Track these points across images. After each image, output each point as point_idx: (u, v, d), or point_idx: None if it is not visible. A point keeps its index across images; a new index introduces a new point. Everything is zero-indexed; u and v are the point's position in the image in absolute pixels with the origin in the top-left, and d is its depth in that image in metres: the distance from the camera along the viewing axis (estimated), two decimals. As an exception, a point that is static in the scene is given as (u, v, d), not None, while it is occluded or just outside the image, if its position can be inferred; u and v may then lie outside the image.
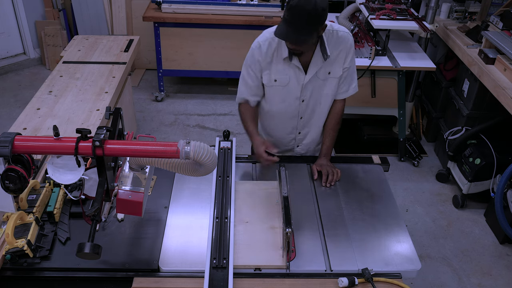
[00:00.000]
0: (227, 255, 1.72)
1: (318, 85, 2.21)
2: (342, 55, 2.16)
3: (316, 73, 2.17)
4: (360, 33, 3.92)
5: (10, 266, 1.73)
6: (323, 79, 2.19)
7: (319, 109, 2.31)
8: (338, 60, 2.17)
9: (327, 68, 2.17)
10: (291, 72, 2.16)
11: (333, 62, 2.16)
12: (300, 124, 2.36)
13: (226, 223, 1.86)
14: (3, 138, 1.52)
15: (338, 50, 2.14)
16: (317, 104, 2.28)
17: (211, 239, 1.79)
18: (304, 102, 2.26)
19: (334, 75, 2.20)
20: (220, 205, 1.95)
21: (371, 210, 2.05)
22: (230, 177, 2.08)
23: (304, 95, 2.23)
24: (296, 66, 2.13)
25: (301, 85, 2.19)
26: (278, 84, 2.19)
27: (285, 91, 2.21)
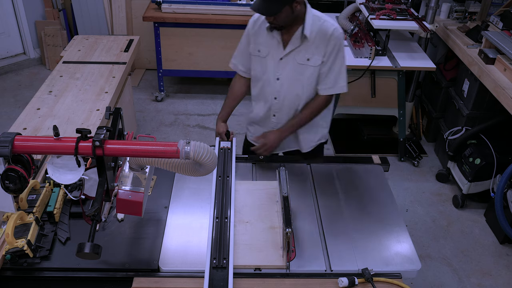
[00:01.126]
0: (227, 255, 1.72)
1: (296, 68, 2.23)
2: (322, 45, 2.18)
3: (294, 55, 2.20)
4: (360, 33, 3.92)
5: (10, 266, 1.73)
6: (301, 63, 2.21)
7: (294, 96, 2.30)
8: (319, 49, 2.19)
9: (307, 53, 2.19)
10: (272, 44, 2.22)
11: (314, 50, 2.18)
12: (274, 106, 2.36)
13: (226, 223, 1.86)
14: (3, 138, 1.52)
15: (320, 39, 2.17)
16: (292, 89, 2.28)
17: (211, 239, 1.79)
18: (279, 81, 2.28)
19: (313, 63, 2.21)
20: (220, 205, 1.95)
21: (371, 210, 2.05)
22: (230, 177, 2.09)
23: (280, 73, 2.26)
24: (276, 39, 2.20)
25: (278, 60, 2.23)
26: (260, 54, 2.27)
27: (264, 64, 2.27)
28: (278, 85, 2.29)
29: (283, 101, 2.33)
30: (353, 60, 3.60)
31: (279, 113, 2.37)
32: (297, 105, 2.33)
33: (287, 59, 2.22)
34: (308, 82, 2.26)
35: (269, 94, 2.34)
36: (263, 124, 2.47)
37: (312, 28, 2.15)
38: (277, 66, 2.25)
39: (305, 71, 2.23)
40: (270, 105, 2.37)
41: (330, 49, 2.18)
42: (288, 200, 1.85)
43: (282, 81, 2.28)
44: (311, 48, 2.18)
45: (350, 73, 3.63)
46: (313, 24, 2.15)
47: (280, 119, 2.39)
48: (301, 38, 2.16)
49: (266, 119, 2.44)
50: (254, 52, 2.30)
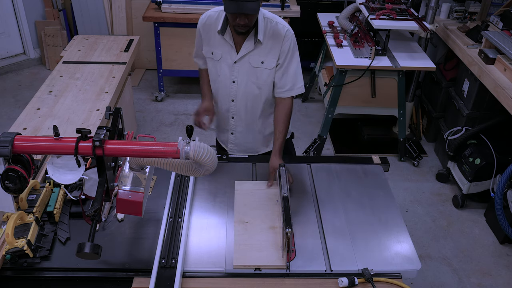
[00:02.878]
0: (176, 255, 1.74)
1: (251, 71, 2.22)
2: (276, 47, 2.16)
3: (249, 58, 2.19)
4: (360, 33, 3.92)
5: (10, 266, 1.73)
6: (255, 66, 2.20)
7: (251, 99, 2.30)
8: (273, 52, 2.17)
9: (261, 56, 2.18)
10: (224, 48, 2.21)
11: (267, 52, 2.17)
12: (232, 108, 2.36)
13: (179, 223, 1.87)
14: (3, 138, 1.52)
15: (273, 41, 2.16)
16: (249, 91, 2.28)
17: (162, 238, 1.81)
18: (235, 84, 2.27)
19: (267, 66, 2.20)
20: (175, 204, 1.96)
21: (371, 210, 2.05)
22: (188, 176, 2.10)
23: (235, 76, 2.25)
24: (228, 42, 2.19)
25: (233, 63, 2.22)
26: (213, 57, 2.27)
27: (219, 66, 2.27)
28: (235, 88, 2.29)
29: (240, 103, 2.33)
30: (353, 60, 3.60)
31: (237, 115, 2.38)
32: (256, 107, 2.34)
33: (241, 62, 2.21)
34: (265, 84, 2.25)
35: (226, 96, 2.34)
36: (222, 123, 2.49)
37: (265, 31, 2.15)
38: (232, 69, 2.24)
39: (260, 74, 2.23)
40: (228, 107, 2.37)
41: (285, 50, 2.17)
42: (288, 200, 1.85)
43: (238, 84, 2.27)
44: (264, 51, 2.17)
45: (350, 73, 3.64)
46: (266, 27, 2.15)
47: (238, 121, 2.40)
48: (254, 42, 2.15)
49: (225, 121, 2.45)
50: (208, 55, 2.30)
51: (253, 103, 2.32)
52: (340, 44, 3.83)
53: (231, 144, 2.52)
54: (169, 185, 2.07)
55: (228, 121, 2.43)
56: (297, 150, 4.15)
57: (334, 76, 3.83)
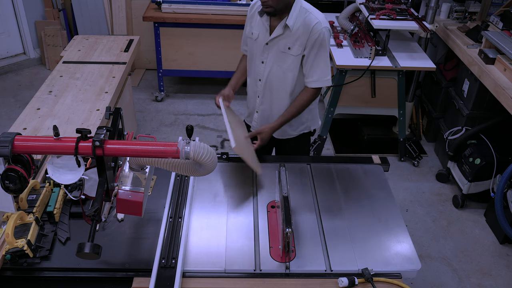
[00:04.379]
0: (176, 255, 1.74)
1: (278, 55, 2.33)
2: (303, 37, 2.24)
3: (278, 42, 2.29)
4: (360, 33, 3.92)
5: (10, 266, 1.73)
6: (283, 51, 2.30)
7: (276, 82, 2.40)
8: (300, 40, 2.25)
9: (289, 42, 2.27)
10: (261, 29, 2.34)
11: (295, 39, 2.26)
12: (259, 88, 2.47)
13: (179, 223, 1.87)
14: (3, 138, 1.52)
15: (302, 30, 2.24)
16: (274, 74, 2.38)
17: (162, 238, 1.81)
18: (263, 65, 2.39)
19: (293, 53, 2.29)
20: (175, 204, 1.96)
21: (371, 210, 2.05)
22: (188, 176, 2.10)
23: (265, 57, 2.37)
24: (264, 24, 2.31)
25: (265, 44, 2.33)
26: (252, 37, 2.39)
27: (255, 46, 2.39)
28: (262, 68, 2.40)
29: (265, 84, 2.43)
30: (353, 60, 3.60)
31: (262, 95, 2.48)
32: (279, 91, 2.42)
33: (272, 45, 2.32)
34: (289, 69, 2.34)
35: (256, 76, 2.46)
36: (250, 104, 2.61)
37: (297, 19, 2.23)
38: (263, 50, 2.36)
39: (286, 59, 2.32)
40: (256, 87, 2.49)
41: (311, 41, 2.24)
42: (288, 200, 1.85)
43: (265, 65, 2.38)
44: (292, 38, 2.26)
45: (350, 73, 3.64)
46: (299, 16, 2.24)
47: (263, 102, 2.50)
48: (284, 27, 2.25)
49: (252, 99, 2.57)
50: (249, 35, 2.43)
51: (278, 86, 2.41)
52: (340, 44, 3.83)
53: (255, 123, 2.61)
54: (169, 185, 2.07)
55: (255, 100, 2.54)
56: (297, 150, 4.16)
57: (334, 76, 3.83)
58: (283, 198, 1.86)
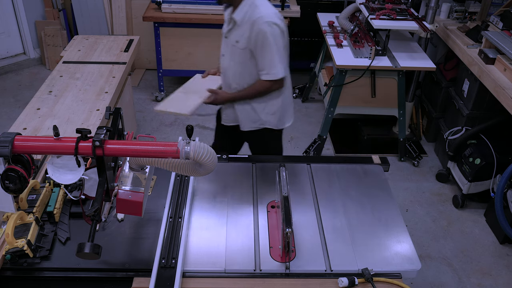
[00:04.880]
0: (176, 255, 1.74)
1: (231, 48, 2.45)
2: (248, 32, 2.33)
3: (230, 34, 2.42)
4: (360, 33, 3.92)
5: (10, 266, 1.73)
6: (233, 44, 2.42)
7: (233, 74, 2.51)
8: (246, 34, 2.34)
9: (237, 35, 2.38)
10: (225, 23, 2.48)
11: (242, 33, 2.36)
12: (224, 80, 2.61)
13: (179, 223, 1.87)
14: (3, 138, 1.52)
15: (247, 25, 2.33)
16: (230, 67, 2.50)
17: (162, 238, 1.81)
18: (224, 57, 2.53)
19: (240, 46, 2.39)
20: (175, 204, 1.97)
21: (371, 210, 2.05)
22: (188, 176, 2.10)
23: (225, 50, 2.51)
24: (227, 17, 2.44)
25: (224, 37, 2.49)
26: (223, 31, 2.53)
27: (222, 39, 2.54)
28: (222, 61, 2.55)
29: (225, 77, 2.58)
30: (353, 60, 3.60)
31: (226, 87, 2.61)
32: (235, 84, 2.53)
33: (229, 37, 2.45)
34: (239, 62, 2.44)
35: (221, 68, 2.61)
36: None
37: (244, 13, 2.33)
38: (224, 43, 2.51)
39: (236, 52, 2.43)
40: (223, 79, 2.63)
41: (254, 37, 2.32)
42: (288, 200, 1.85)
43: (225, 57, 2.53)
44: (240, 32, 2.37)
45: (350, 73, 3.64)
46: (247, 10, 2.32)
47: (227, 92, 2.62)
48: (232, 21, 2.37)
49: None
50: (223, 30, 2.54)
51: (235, 78, 2.52)
52: (340, 44, 3.83)
53: (224, 115, 2.74)
54: (169, 185, 2.07)
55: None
56: (297, 150, 4.16)
57: (334, 76, 3.83)
58: (283, 198, 1.86)
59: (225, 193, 2.12)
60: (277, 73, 2.41)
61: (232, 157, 2.37)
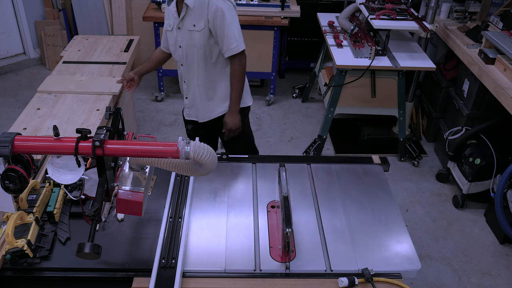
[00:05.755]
0: (176, 255, 1.74)
1: (188, 35, 2.50)
2: (203, 13, 2.42)
3: (185, 22, 2.48)
4: (360, 33, 3.92)
5: (10, 266, 1.73)
6: (190, 29, 2.48)
7: (195, 62, 2.56)
8: (201, 15, 2.43)
9: (193, 20, 2.45)
10: (172, 17, 2.53)
11: (197, 15, 2.44)
12: (183, 72, 2.66)
13: (179, 223, 1.87)
14: (3, 138, 1.52)
15: (200, 7, 2.41)
16: (191, 54, 2.55)
17: (162, 238, 1.81)
18: (181, 49, 2.57)
19: (198, 29, 2.46)
20: (175, 204, 1.96)
21: (371, 210, 2.05)
22: (188, 176, 2.10)
23: (180, 41, 2.55)
24: (172, 11, 2.51)
25: (177, 29, 2.52)
26: (168, 28, 2.59)
27: (172, 35, 2.58)
28: (181, 52, 2.58)
29: (187, 67, 2.61)
30: (353, 60, 3.60)
31: (187, 79, 2.66)
32: (200, 70, 2.58)
33: (182, 28, 2.50)
34: (200, 46, 2.50)
35: (178, 62, 2.64)
36: (181, 92, 2.78)
37: None
38: (178, 35, 2.54)
39: (194, 36, 2.48)
40: (180, 72, 2.68)
41: (211, 16, 2.41)
42: (288, 200, 1.85)
43: (183, 48, 2.56)
44: (194, 15, 2.44)
45: (350, 73, 3.64)
46: None
47: (189, 85, 2.68)
48: (185, 8, 2.43)
49: (181, 87, 2.74)
50: (166, 28, 2.61)
51: (197, 66, 2.57)
52: (340, 44, 3.83)
53: (187, 109, 2.81)
54: (169, 185, 2.07)
55: (182, 86, 2.74)
56: (297, 150, 4.16)
57: (334, 76, 3.83)
58: (283, 198, 1.86)
59: (225, 193, 2.12)
60: (240, 45, 2.50)
61: (232, 157, 2.37)
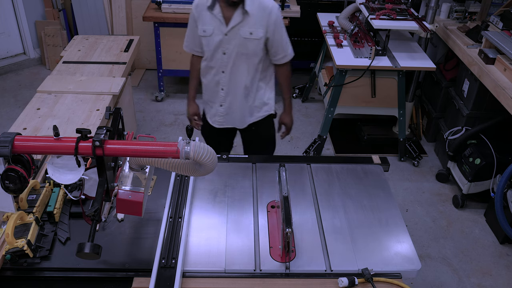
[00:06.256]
0: (176, 255, 1.74)
1: (241, 42, 2.42)
2: (263, 20, 2.38)
3: (238, 29, 2.39)
4: (360, 33, 3.92)
5: (10, 266, 1.73)
6: (245, 37, 2.41)
7: (240, 70, 2.50)
8: (260, 23, 2.38)
9: (250, 27, 2.39)
10: (215, 22, 2.42)
11: (254, 23, 2.38)
12: (222, 80, 2.55)
13: (179, 223, 1.87)
14: (3, 138, 1.52)
15: (260, 13, 2.37)
16: (238, 62, 2.48)
17: (162, 238, 1.81)
18: (225, 56, 2.47)
19: (256, 37, 2.41)
20: (175, 204, 1.96)
21: (371, 210, 2.05)
22: (188, 176, 2.10)
23: (226, 47, 2.45)
24: (217, 17, 2.40)
25: (223, 36, 2.42)
26: (205, 34, 2.47)
27: (211, 41, 2.46)
28: (225, 59, 2.48)
29: (230, 74, 2.52)
30: (353, 60, 3.60)
31: (227, 86, 2.56)
32: (244, 78, 2.52)
33: (232, 34, 2.41)
34: (254, 54, 2.46)
35: (218, 68, 2.53)
36: (213, 99, 2.65)
37: (252, 4, 2.35)
38: (222, 41, 2.44)
39: (249, 44, 2.42)
40: (218, 79, 2.56)
41: (272, 23, 2.39)
42: (288, 200, 1.85)
43: (228, 55, 2.47)
44: (252, 22, 2.38)
45: (350, 73, 3.64)
46: (253, 0, 2.35)
47: (228, 93, 2.59)
48: (242, 14, 2.35)
49: (214, 94, 2.63)
50: (201, 33, 2.50)
51: (241, 74, 2.51)
52: (340, 44, 3.83)
53: (219, 117, 2.69)
54: (169, 185, 2.07)
55: (217, 94, 2.61)
56: (297, 150, 4.16)
57: (334, 76, 3.83)
58: (283, 198, 1.86)
59: (225, 193, 2.12)
60: (292, 52, 2.56)
61: (232, 157, 2.37)
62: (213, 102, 2.65)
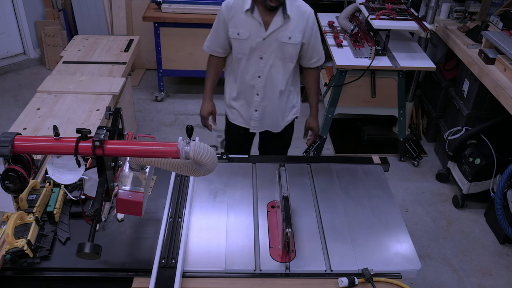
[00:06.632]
0: (176, 255, 1.74)
1: (278, 47, 2.40)
2: (301, 25, 2.38)
3: (277, 34, 2.37)
4: (360, 33, 3.92)
5: (10, 266, 1.73)
6: (284, 41, 2.39)
7: (276, 75, 2.48)
8: (298, 28, 2.38)
9: (289, 31, 2.37)
10: (252, 26, 2.37)
11: (294, 28, 2.37)
12: (258, 84, 2.51)
13: (179, 223, 1.87)
14: (3, 138, 1.52)
15: (299, 18, 2.37)
16: (275, 67, 2.46)
17: (162, 238, 1.81)
18: (262, 60, 2.44)
19: (294, 41, 2.40)
20: (175, 204, 1.96)
21: (371, 210, 2.05)
22: (188, 176, 2.10)
23: (264, 52, 2.41)
24: (257, 20, 2.35)
25: (261, 40, 2.38)
26: (240, 37, 2.41)
27: (247, 44, 2.41)
28: (262, 64, 2.45)
29: (266, 79, 2.49)
30: (353, 60, 3.60)
31: (263, 91, 2.53)
32: (280, 83, 2.51)
33: (270, 38, 2.38)
34: (290, 59, 2.45)
35: (254, 73, 2.49)
36: (247, 104, 2.62)
37: (291, 8, 2.34)
38: (259, 46, 2.40)
39: (287, 49, 2.41)
40: (254, 84, 2.52)
41: (309, 28, 2.40)
42: (288, 200, 1.85)
43: (265, 60, 2.44)
44: (291, 27, 2.37)
45: (350, 73, 3.64)
46: (291, 5, 2.35)
47: (264, 98, 2.56)
48: (283, 18, 2.33)
49: (248, 98, 2.59)
50: (234, 36, 2.43)
51: (277, 79, 2.49)
52: (340, 44, 3.83)
53: (254, 122, 2.65)
54: (169, 185, 2.07)
55: (253, 98, 2.58)
56: (297, 150, 4.16)
57: (334, 76, 3.83)
58: (283, 198, 1.86)
59: (225, 193, 2.12)
60: (323, 54, 2.58)
61: (232, 157, 2.37)
62: (247, 107, 2.62)
